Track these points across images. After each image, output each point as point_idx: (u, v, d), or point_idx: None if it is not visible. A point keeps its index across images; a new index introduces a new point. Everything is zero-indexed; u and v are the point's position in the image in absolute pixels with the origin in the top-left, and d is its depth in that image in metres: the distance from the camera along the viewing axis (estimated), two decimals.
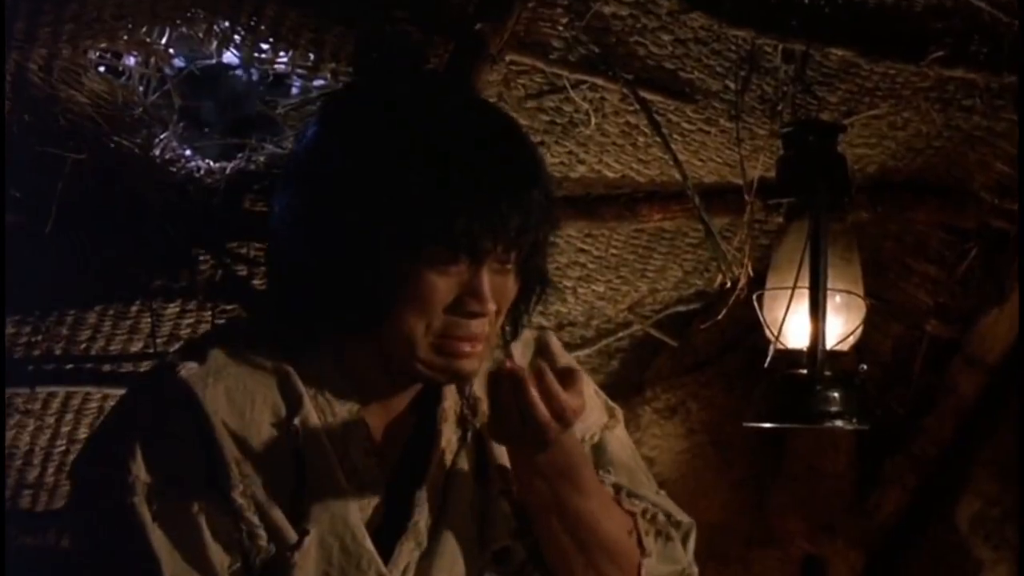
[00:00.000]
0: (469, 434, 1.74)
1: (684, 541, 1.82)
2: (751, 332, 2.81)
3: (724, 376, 3.13)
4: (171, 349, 2.39)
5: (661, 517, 1.80)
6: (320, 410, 1.64)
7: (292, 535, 1.58)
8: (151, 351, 2.44)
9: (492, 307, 1.62)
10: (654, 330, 3.01)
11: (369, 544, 1.61)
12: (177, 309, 2.46)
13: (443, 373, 1.64)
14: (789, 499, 3.18)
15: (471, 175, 1.58)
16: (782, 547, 3.22)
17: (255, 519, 1.57)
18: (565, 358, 1.84)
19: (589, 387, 1.83)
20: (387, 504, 1.66)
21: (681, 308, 3.00)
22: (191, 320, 2.47)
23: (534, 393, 1.56)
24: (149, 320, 2.42)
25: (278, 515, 1.58)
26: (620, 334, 2.99)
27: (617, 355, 3.09)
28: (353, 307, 1.61)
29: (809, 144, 2.34)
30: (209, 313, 2.43)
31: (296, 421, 1.61)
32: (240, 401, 1.60)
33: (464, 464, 1.72)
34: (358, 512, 1.62)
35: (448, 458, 1.71)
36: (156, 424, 1.59)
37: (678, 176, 2.42)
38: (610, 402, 1.89)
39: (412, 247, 1.58)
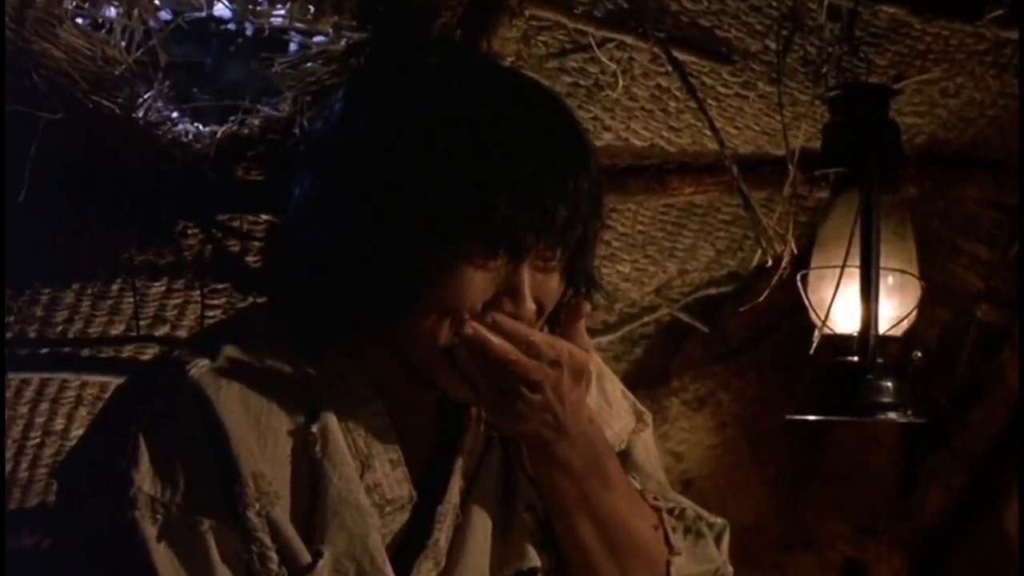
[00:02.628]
0: (492, 441, 1.66)
1: (717, 540, 1.75)
2: (787, 317, 2.83)
3: (758, 365, 3.10)
4: (156, 332, 2.43)
5: (690, 513, 1.74)
6: (341, 416, 1.56)
7: (305, 557, 1.51)
8: (134, 334, 2.39)
9: (531, 307, 1.54)
10: (683, 314, 2.99)
11: (389, 570, 1.53)
12: (163, 288, 2.38)
13: (463, 383, 1.56)
14: (828, 498, 3.17)
15: (512, 160, 1.50)
16: (820, 550, 3.21)
17: (267, 540, 1.49)
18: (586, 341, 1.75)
19: (616, 387, 1.78)
20: (410, 519, 1.59)
21: (712, 291, 2.98)
22: (178, 300, 2.41)
23: (497, 342, 1.49)
24: (132, 300, 2.35)
25: (292, 535, 1.51)
26: (646, 319, 2.97)
27: (642, 342, 3.06)
28: (376, 299, 1.52)
29: (859, 109, 2.29)
30: (198, 292, 2.37)
31: (315, 428, 1.54)
32: (256, 405, 1.53)
33: (487, 475, 1.65)
34: (378, 532, 1.54)
35: (471, 469, 1.64)
36: (162, 429, 1.51)
37: (713, 145, 2.37)
38: (639, 404, 1.82)
39: (445, 235, 1.49)
